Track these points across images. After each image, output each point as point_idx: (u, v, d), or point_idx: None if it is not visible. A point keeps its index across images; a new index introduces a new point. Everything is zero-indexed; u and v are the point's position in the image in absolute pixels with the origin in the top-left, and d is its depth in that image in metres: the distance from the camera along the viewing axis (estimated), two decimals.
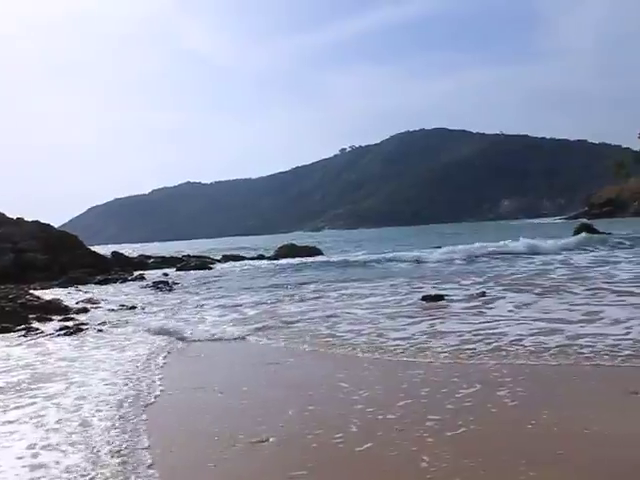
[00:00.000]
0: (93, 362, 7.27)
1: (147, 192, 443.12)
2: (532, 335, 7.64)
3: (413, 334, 8.20)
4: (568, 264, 17.28)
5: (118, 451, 4.16)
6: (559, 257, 20.11)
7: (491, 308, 10.08)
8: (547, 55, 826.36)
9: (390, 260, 23.38)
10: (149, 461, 3.98)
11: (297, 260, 27.44)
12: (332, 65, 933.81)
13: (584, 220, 51.73)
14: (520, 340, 7.41)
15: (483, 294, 11.52)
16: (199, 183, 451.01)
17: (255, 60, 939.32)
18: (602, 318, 8.52)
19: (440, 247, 27.34)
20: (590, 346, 6.83)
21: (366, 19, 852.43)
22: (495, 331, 8.08)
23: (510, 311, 9.62)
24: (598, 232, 32.40)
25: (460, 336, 7.86)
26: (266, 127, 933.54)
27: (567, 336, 7.43)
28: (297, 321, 9.82)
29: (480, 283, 13.62)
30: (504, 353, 6.85)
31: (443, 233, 64.75)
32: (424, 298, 11.33)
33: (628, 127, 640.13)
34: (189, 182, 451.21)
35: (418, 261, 22.31)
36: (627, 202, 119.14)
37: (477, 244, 25.01)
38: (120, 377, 6.41)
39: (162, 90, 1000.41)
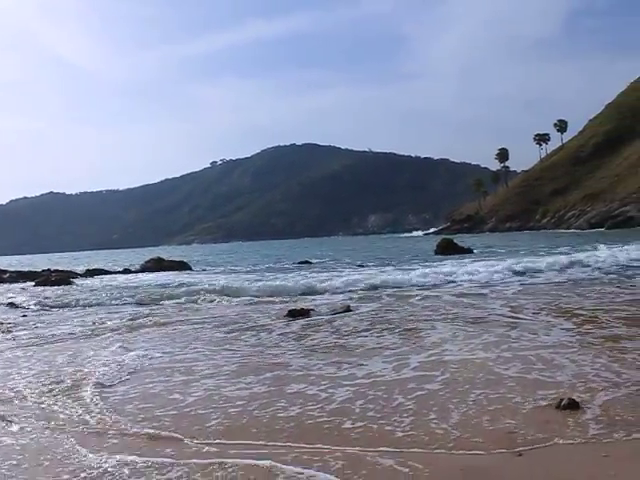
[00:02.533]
0: None
1: (4, 202, 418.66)
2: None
3: None
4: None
5: None
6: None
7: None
8: (414, 77, 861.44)
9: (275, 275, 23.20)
10: None
11: (163, 275, 26.72)
12: (203, 77, 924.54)
13: (446, 235, 54.11)
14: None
15: (348, 308, 11.64)
16: (63, 194, 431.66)
17: (122, 69, 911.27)
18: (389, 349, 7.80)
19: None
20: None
21: (237, 33, 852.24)
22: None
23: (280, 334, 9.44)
24: (458, 247, 33.82)
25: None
26: (134, 137, 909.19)
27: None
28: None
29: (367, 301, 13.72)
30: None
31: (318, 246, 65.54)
32: (290, 313, 11.24)
33: (487, 148, 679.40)
34: (52, 192, 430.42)
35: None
36: (485, 218, 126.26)
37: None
38: None
39: (20, 95, 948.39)
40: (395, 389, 5.75)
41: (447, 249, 33.39)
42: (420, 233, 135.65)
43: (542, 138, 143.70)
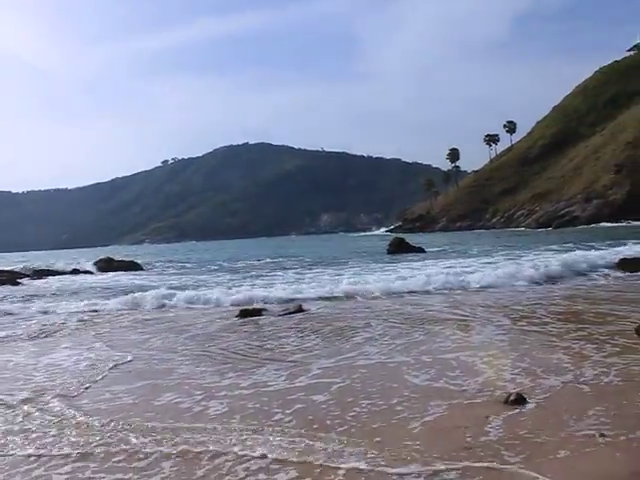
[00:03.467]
0: None
1: None
2: None
3: None
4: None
5: None
6: None
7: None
8: (366, 77, 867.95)
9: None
10: None
11: (112, 275, 26.41)
12: (154, 75, 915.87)
13: (403, 234, 54.64)
14: None
15: (300, 308, 11.57)
16: (9, 192, 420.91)
17: (72, 67, 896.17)
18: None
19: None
20: None
21: (189, 30, 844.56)
22: None
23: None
24: (410, 246, 34.18)
25: None
26: (84, 135, 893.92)
27: None
28: None
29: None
30: None
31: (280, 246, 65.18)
32: (242, 313, 11.08)
33: (438, 149, 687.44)
34: None
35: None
36: (436, 217, 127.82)
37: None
38: None
39: None
40: (278, 401, 5.30)
41: (400, 247, 33.83)
42: (380, 231, 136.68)
43: (492, 139, 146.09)
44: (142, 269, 31.35)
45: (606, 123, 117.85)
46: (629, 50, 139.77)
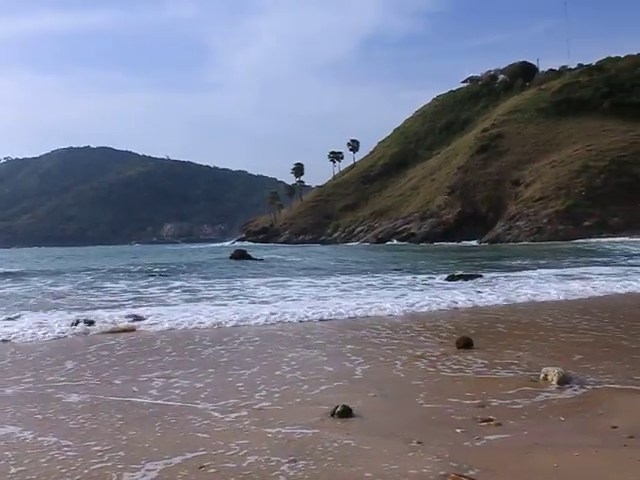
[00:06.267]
0: None
1: None
2: None
3: None
4: None
5: None
6: None
7: None
8: (215, 87, 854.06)
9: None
10: None
11: None
12: None
13: (240, 246, 54.83)
14: None
15: (132, 328, 10.52)
16: None
17: None
18: None
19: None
20: None
21: (29, 22, 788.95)
22: None
23: None
24: (251, 257, 34.56)
25: None
26: None
27: None
28: None
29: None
30: None
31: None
32: (79, 321, 10.46)
33: (283, 163, 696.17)
34: None
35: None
36: (279, 230, 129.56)
37: None
38: None
39: None
40: None
41: (241, 257, 34.63)
42: (229, 243, 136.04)
43: (336, 156, 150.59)
44: None
45: (442, 147, 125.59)
46: (463, 82, 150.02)
